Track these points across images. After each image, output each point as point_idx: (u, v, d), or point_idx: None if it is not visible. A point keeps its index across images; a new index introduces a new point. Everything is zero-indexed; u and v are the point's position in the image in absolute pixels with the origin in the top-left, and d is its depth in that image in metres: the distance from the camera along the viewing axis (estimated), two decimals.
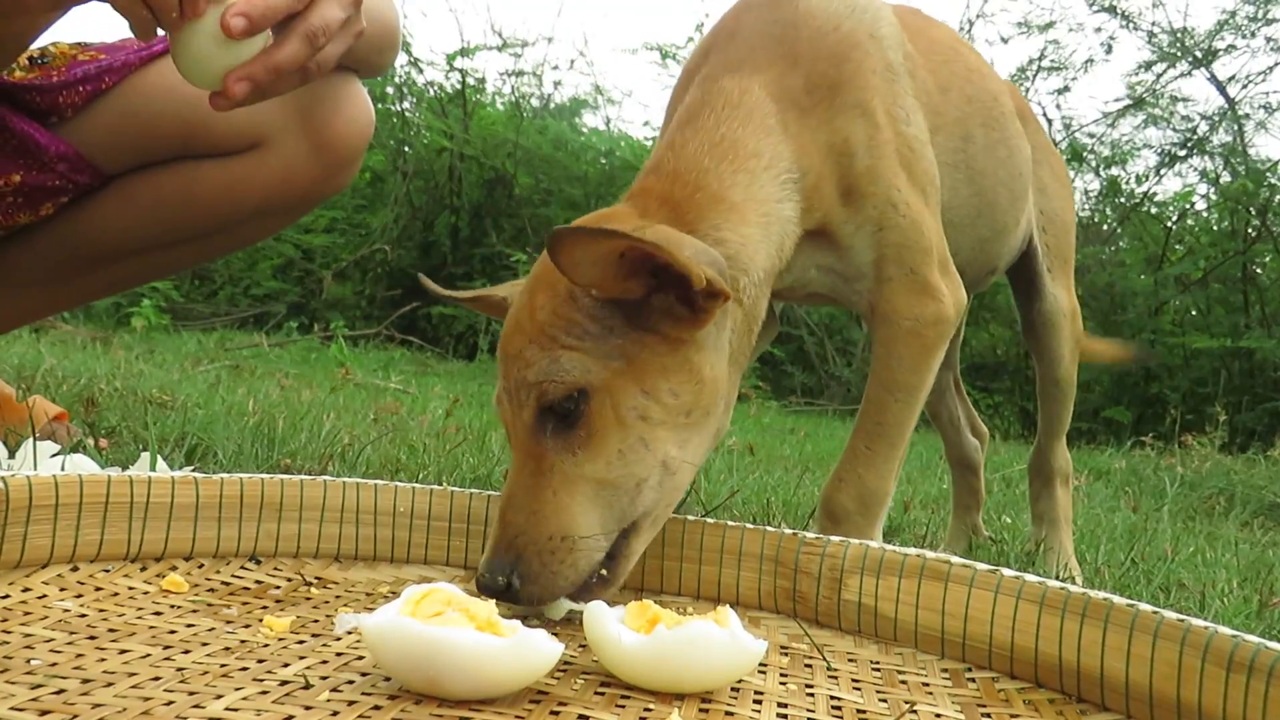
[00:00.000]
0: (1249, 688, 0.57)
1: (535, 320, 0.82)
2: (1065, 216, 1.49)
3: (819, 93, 1.00)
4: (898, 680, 0.69)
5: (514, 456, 0.82)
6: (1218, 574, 1.45)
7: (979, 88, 1.26)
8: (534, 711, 0.55)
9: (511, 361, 0.82)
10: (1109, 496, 2.69)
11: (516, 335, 0.83)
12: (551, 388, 0.79)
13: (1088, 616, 0.67)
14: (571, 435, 0.80)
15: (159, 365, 2.92)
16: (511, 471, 0.81)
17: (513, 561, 0.76)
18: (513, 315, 0.86)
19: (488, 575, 0.76)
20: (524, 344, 0.82)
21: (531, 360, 0.81)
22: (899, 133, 1.04)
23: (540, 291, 0.84)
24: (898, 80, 1.06)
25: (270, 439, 1.51)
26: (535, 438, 0.80)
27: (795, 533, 0.85)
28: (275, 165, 1.21)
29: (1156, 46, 6.33)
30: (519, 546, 0.77)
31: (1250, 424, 5.07)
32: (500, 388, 0.84)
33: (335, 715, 0.52)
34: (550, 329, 0.81)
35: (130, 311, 4.81)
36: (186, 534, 0.81)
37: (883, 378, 1.05)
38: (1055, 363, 1.47)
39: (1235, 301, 5.89)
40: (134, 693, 0.52)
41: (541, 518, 0.78)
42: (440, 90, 6.82)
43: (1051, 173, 1.48)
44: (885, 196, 1.02)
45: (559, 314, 0.81)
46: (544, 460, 0.80)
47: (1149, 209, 6.65)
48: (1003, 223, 1.31)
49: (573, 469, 0.79)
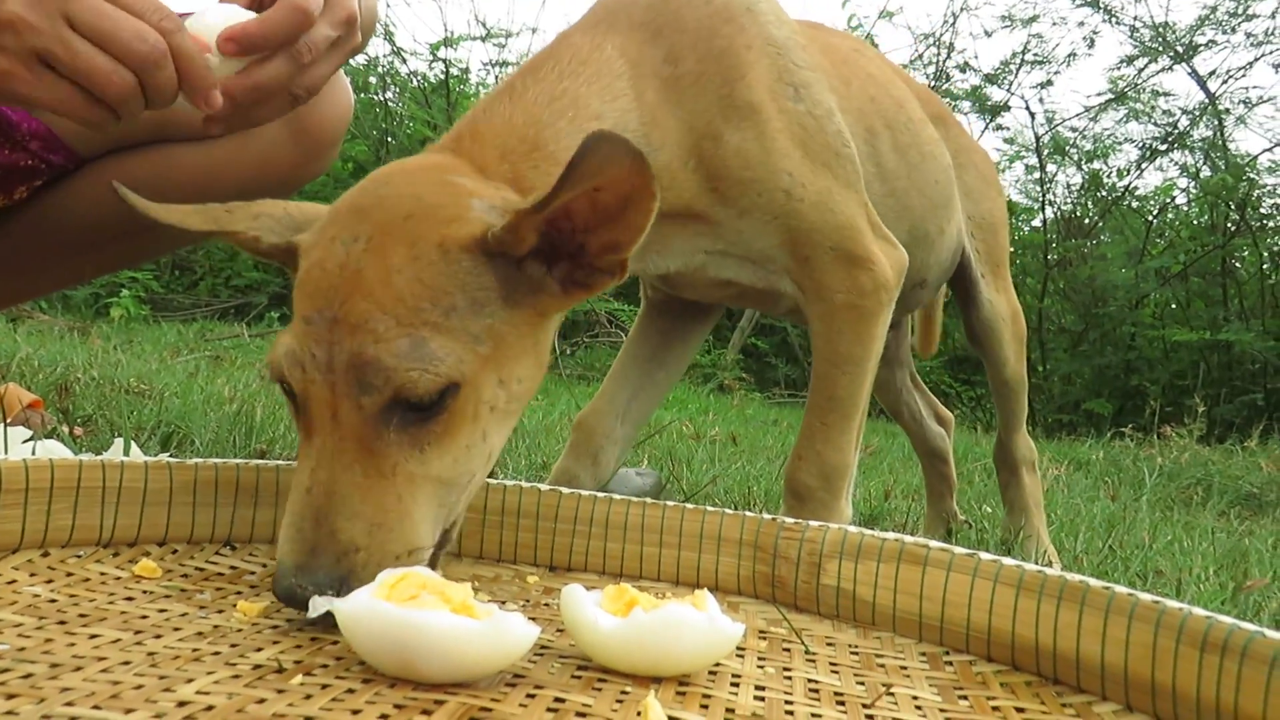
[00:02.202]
0: (1222, 668, 0.58)
1: (391, 285, 0.68)
2: (994, 218, 1.48)
3: (684, 65, 0.95)
4: (875, 664, 0.70)
5: (328, 442, 0.67)
6: (1194, 561, 1.47)
7: (881, 90, 1.23)
8: (509, 695, 0.55)
9: (345, 330, 0.67)
10: (1089, 486, 2.71)
11: (358, 298, 0.68)
12: (420, 380, 0.66)
13: (1064, 599, 0.67)
14: (423, 431, 0.68)
15: (137, 355, 2.89)
16: (327, 462, 0.67)
17: (343, 576, 0.64)
18: (341, 268, 0.69)
19: (310, 587, 0.63)
20: (372, 312, 0.67)
21: (384, 336, 0.66)
22: (784, 110, 0.99)
23: (396, 246, 0.69)
24: (783, 53, 1.01)
25: (248, 427, 1.50)
26: (375, 429, 0.67)
27: (774, 518, 0.85)
28: (253, 150, 1.20)
29: (1138, 41, 6.37)
30: (354, 564, 0.65)
31: (1228, 416, 5.12)
32: (304, 350, 0.68)
33: (309, 698, 0.51)
34: (413, 299, 0.68)
35: (109, 302, 4.77)
36: (160, 519, 0.80)
37: (826, 353, 1.03)
38: (1001, 365, 1.47)
39: (1214, 295, 5.95)
40: (103, 677, 0.52)
41: (387, 532, 0.66)
42: (424, 80, 6.79)
43: (977, 174, 1.46)
44: (773, 183, 0.97)
45: (425, 281, 0.68)
46: (383, 457, 0.67)
47: (1130, 203, 6.70)
48: (923, 230, 1.27)
49: (418, 468, 0.68)
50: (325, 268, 0.70)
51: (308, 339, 0.68)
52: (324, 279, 0.70)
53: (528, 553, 0.91)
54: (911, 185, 1.24)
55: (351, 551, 0.65)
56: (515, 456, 1.72)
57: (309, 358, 0.68)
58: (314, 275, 0.71)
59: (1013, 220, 6.50)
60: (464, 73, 6.98)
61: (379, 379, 0.66)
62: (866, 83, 1.20)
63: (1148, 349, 5.90)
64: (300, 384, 0.69)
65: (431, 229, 0.71)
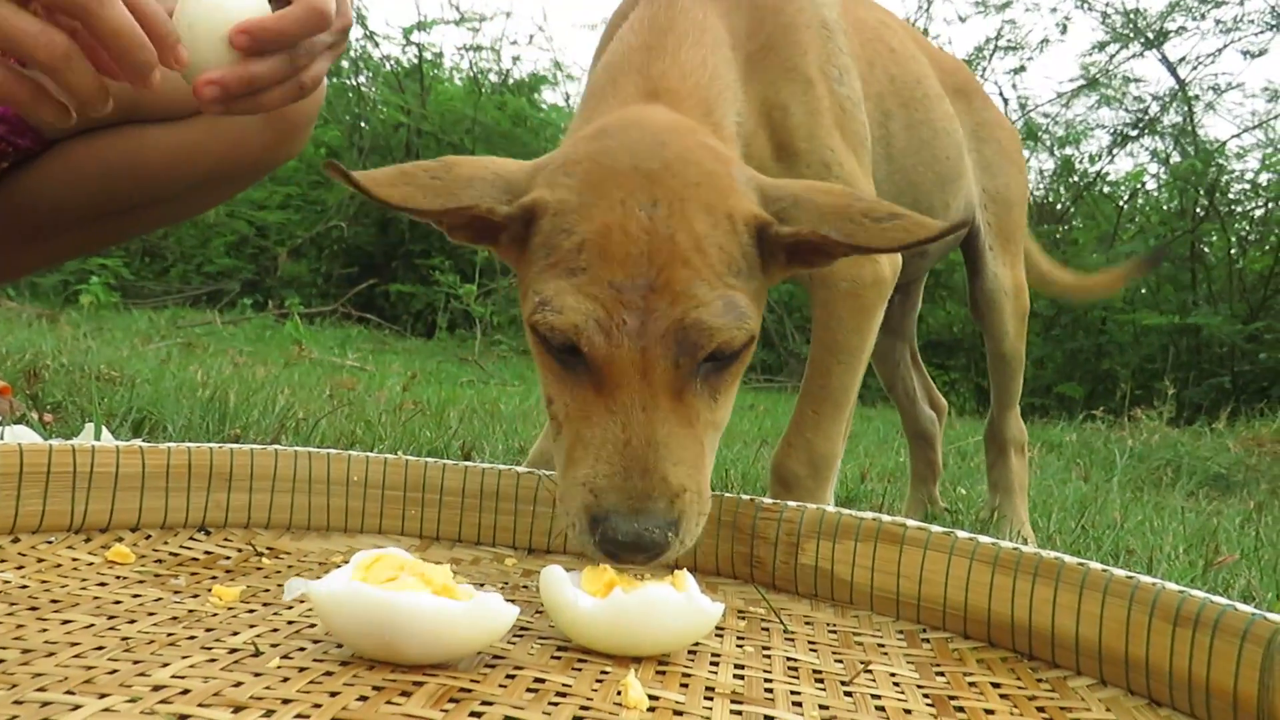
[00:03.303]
0: (1194, 641, 0.59)
1: (703, 251, 0.71)
2: (1010, 194, 1.49)
3: (758, 39, 0.98)
4: (853, 641, 0.70)
5: (637, 398, 0.69)
6: (1165, 540, 1.49)
7: (902, 68, 1.26)
8: (489, 675, 0.55)
9: (663, 296, 0.69)
10: (1061, 468, 2.74)
11: (677, 265, 0.70)
12: (738, 335, 0.71)
13: (1039, 576, 0.68)
14: (719, 381, 0.73)
15: (108, 342, 2.86)
16: (643, 416, 0.69)
17: (676, 519, 0.67)
18: (654, 235, 0.71)
19: (655, 531, 0.66)
20: (691, 279, 0.70)
21: (704, 300, 0.70)
22: (832, 91, 1.02)
23: (698, 214, 0.72)
24: (832, 38, 1.05)
25: (222, 413, 1.49)
26: (687, 383, 0.70)
27: (752, 498, 0.85)
28: (225, 132, 1.18)
29: (1110, 27, 6.41)
30: (685, 505, 0.68)
31: (1197, 399, 5.19)
32: (615, 318, 0.69)
33: (286, 682, 0.51)
34: (720, 265, 0.71)
35: (78, 289, 4.70)
36: (133, 505, 0.79)
37: (824, 340, 1.05)
38: (1000, 338, 1.49)
39: (1183, 279, 6.01)
40: (76, 662, 0.51)
41: (702, 473, 0.70)
42: (397, 65, 6.73)
43: (999, 149, 1.48)
44: (820, 157, 1.00)
45: (724, 247, 0.72)
46: (691, 408, 0.71)
47: (1101, 188, 6.75)
48: (928, 204, 1.30)
49: (710, 415, 0.73)
50: (628, 232, 0.71)
51: (618, 306, 0.69)
52: (630, 244, 0.70)
53: (506, 535, 0.91)
54: (920, 161, 1.27)
55: (681, 494, 0.68)
56: (493, 441, 1.71)
57: (619, 324, 0.69)
58: (615, 239, 0.71)
59: None
60: (437, 57, 6.93)
61: (704, 338, 0.69)
62: (889, 61, 1.22)
63: (1118, 333, 5.97)
64: (604, 349, 0.69)
65: (720, 199, 0.74)
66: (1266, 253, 5.92)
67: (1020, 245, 1.52)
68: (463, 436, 1.71)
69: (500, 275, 5.63)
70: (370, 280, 5.85)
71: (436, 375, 3.57)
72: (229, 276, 5.79)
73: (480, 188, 0.77)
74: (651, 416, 0.69)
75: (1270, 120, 6.04)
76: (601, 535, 0.66)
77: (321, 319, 5.27)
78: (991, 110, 1.52)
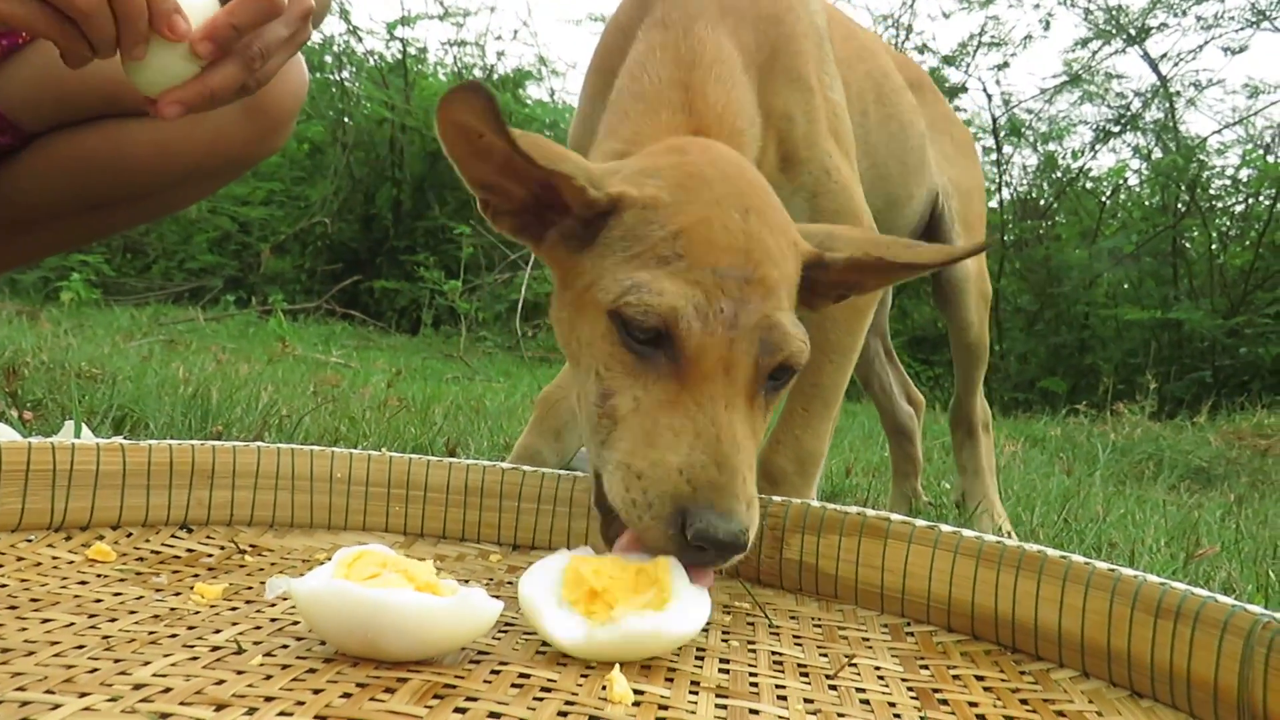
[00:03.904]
0: (1175, 633, 0.59)
1: (783, 264, 0.74)
2: (968, 183, 1.52)
3: (764, 51, 0.99)
4: (838, 635, 0.70)
5: (720, 393, 0.69)
6: (1146, 533, 1.50)
7: (874, 64, 1.28)
8: (474, 671, 0.55)
9: (760, 292, 0.71)
10: (1044, 462, 2.76)
11: (769, 265, 0.73)
12: (803, 350, 0.73)
13: (1023, 569, 0.68)
14: (774, 396, 0.74)
15: (89, 339, 2.83)
16: (729, 412, 0.68)
17: (748, 526, 0.66)
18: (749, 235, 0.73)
19: (743, 534, 0.65)
20: (779, 281, 0.73)
21: (784, 305, 0.73)
22: (827, 98, 1.04)
23: (775, 233, 0.75)
24: (823, 43, 1.07)
25: (204, 411, 1.48)
26: (759, 387, 0.72)
27: None
28: (207, 126, 1.17)
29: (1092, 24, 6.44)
30: (751, 518, 0.67)
31: (1178, 393, 5.23)
32: (714, 303, 0.69)
33: (268, 679, 0.50)
34: (787, 282, 0.75)
35: (59, 285, 4.66)
36: (113, 502, 0.79)
37: (817, 340, 1.05)
38: (965, 327, 1.51)
39: (1165, 274, 6.06)
40: (56, 661, 0.51)
41: (754, 485, 0.69)
42: (380, 60, 6.69)
43: (953, 142, 1.51)
44: (820, 163, 1.02)
45: (790, 271, 0.76)
46: (757, 416, 0.72)
47: (1084, 184, 6.79)
48: (895, 195, 1.33)
49: (759, 428, 0.73)
50: (728, 227, 0.72)
51: (718, 292, 0.70)
52: (729, 239, 0.72)
53: (490, 532, 0.90)
54: (890, 155, 1.29)
55: (752, 503, 0.67)
56: (478, 438, 1.71)
57: (716, 311, 0.69)
58: (716, 229, 0.72)
59: None
60: (421, 52, 6.88)
61: (782, 342, 0.71)
62: (864, 58, 1.25)
63: (1101, 328, 6.01)
64: (699, 335, 0.69)
65: (787, 228, 0.78)
66: (1247, 248, 5.97)
67: (982, 233, 1.54)
68: (447, 433, 1.71)
69: (485, 272, 5.61)
70: (354, 277, 5.82)
71: (421, 372, 3.55)
72: (212, 273, 5.75)
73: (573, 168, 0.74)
74: (734, 417, 0.69)
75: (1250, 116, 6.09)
76: (696, 531, 0.64)
77: (305, 315, 5.24)
78: (943, 104, 1.54)
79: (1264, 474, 3.07)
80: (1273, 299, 5.47)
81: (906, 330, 6.17)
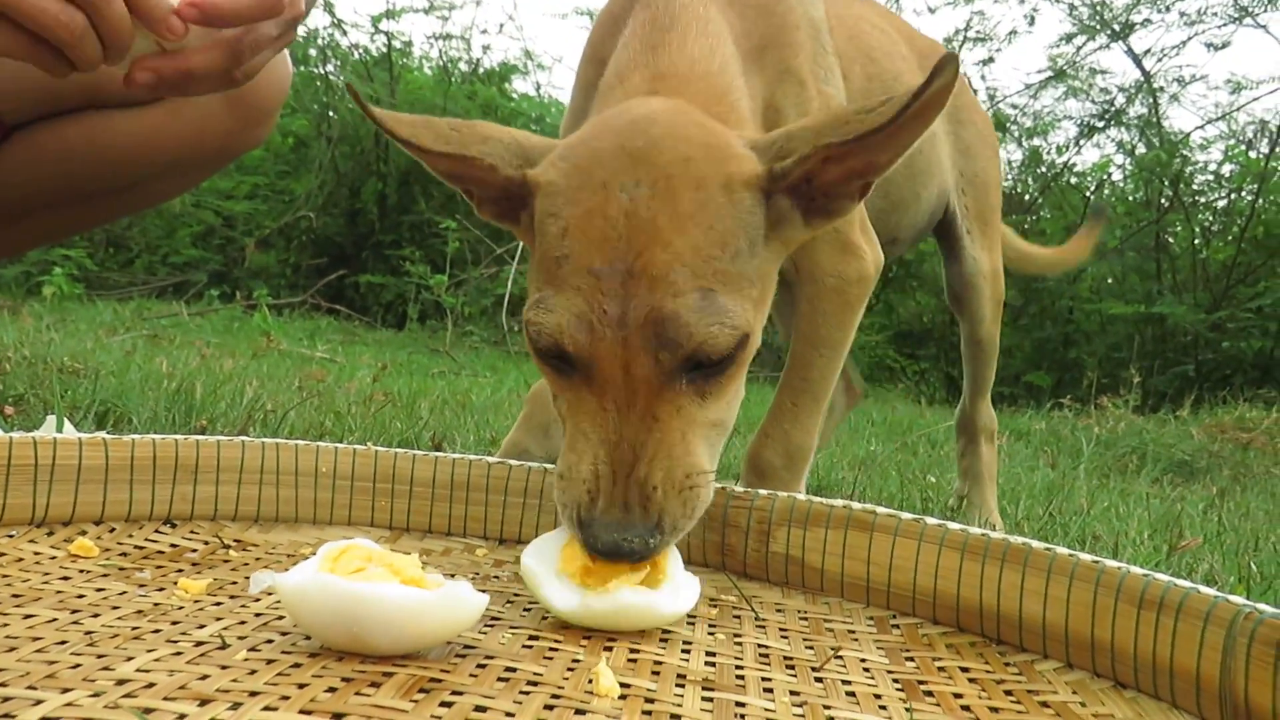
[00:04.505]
0: (1159, 623, 0.59)
1: (686, 233, 0.66)
2: (986, 178, 1.50)
3: (753, 39, 0.99)
4: (824, 628, 0.70)
5: (623, 393, 0.67)
6: (1130, 525, 1.51)
7: (879, 66, 1.26)
8: (460, 665, 0.54)
9: (642, 282, 0.66)
10: (1029, 456, 2.77)
11: (656, 249, 0.66)
12: (720, 336, 0.66)
13: (1007, 561, 0.69)
14: (710, 383, 0.69)
15: (71, 334, 2.81)
16: (628, 413, 0.67)
17: (654, 524, 0.66)
18: (628, 216, 0.67)
19: (634, 540, 0.65)
20: (671, 264, 0.66)
21: (681, 289, 0.66)
22: (820, 91, 1.04)
23: (684, 191, 0.67)
24: (819, 36, 1.06)
25: (188, 405, 1.47)
26: (669, 383, 0.67)
27: (724, 486, 0.85)
28: (188, 117, 1.16)
29: (1077, 19, 6.46)
30: (659, 504, 0.66)
31: (1161, 387, 5.27)
32: (595, 307, 0.66)
33: (253, 674, 0.50)
34: (707, 247, 0.67)
35: (41, 280, 4.62)
36: (96, 497, 0.78)
37: (808, 334, 1.06)
38: (977, 323, 1.50)
39: (1149, 269, 6.09)
40: (38, 657, 0.50)
41: (674, 462, 0.67)
42: (365, 53, 6.65)
43: (976, 133, 1.50)
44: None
45: (715, 227, 0.67)
46: (671, 404, 0.68)
47: (1069, 179, 6.82)
48: (899, 197, 1.31)
49: (697, 413, 0.69)
50: (608, 215, 0.67)
51: (597, 294, 0.66)
52: (609, 228, 0.67)
53: (477, 526, 0.90)
54: None
55: (660, 495, 0.66)
56: (464, 432, 1.70)
57: (599, 314, 0.66)
58: (595, 224, 0.68)
59: None
60: (407, 45, 6.84)
61: (681, 335, 0.66)
62: (866, 61, 1.23)
63: (1085, 322, 6.04)
64: (588, 346, 0.67)
65: (715, 169, 0.70)
66: (1229, 243, 6.01)
67: (997, 229, 1.53)
68: (433, 427, 1.70)
69: (471, 266, 5.60)
70: (339, 271, 5.79)
71: (407, 366, 3.54)
72: (195, 267, 5.71)
73: (494, 148, 0.75)
74: (632, 417, 0.67)
75: (1233, 112, 6.12)
76: (583, 539, 0.66)
77: (290, 310, 5.22)
78: (967, 94, 1.53)
79: (1245, 467, 3.10)
80: (1254, 294, 5.51)
81: (892, 325, 6.19)
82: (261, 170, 6.11)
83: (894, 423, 3.31)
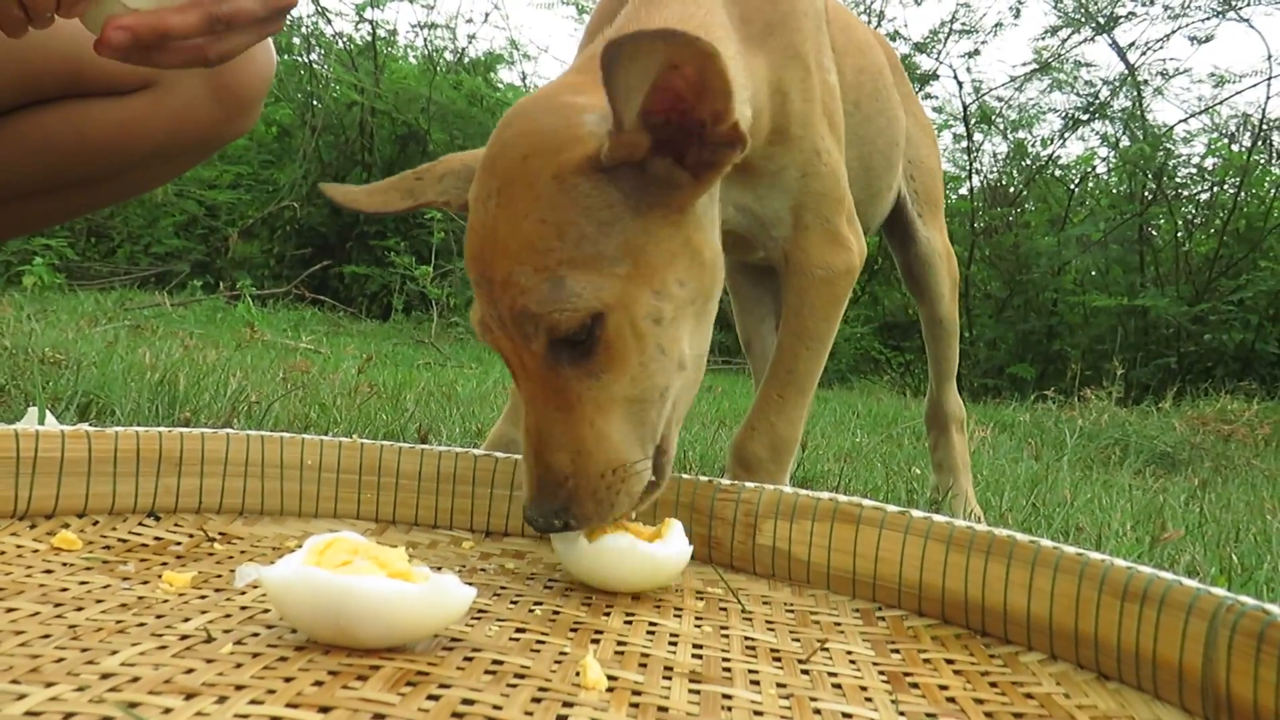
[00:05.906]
0: (1142, 615, 0.60)
1: (521, 234, 0.70)
2: (930, 163, 1.52)
3: (755, 24, 0.98)
4: (810, 620, 0.71)
5: (524, 388, 0.74)
6: (1113, 517, 1.52)
7: (867, 59, 1.28)
8: (447, 658, 0.54)
9: (499, 288, 0.72)
10: (1013, 448, 2.79)
11: (499, 257, 0.71)
12: (563, 319, 0.70)
13: (992, 553, 0.69)
14: (590, 361, 0.72)
15: (52, 325, 2.78)
16: (530, 405, 0.73)
17: (565, 503, 0.71)
18: (484, 228, 0.73)
19: (543, 520, 0.71)
20: (511, 268, 0.70)
21: (527, 286, 0.70)
22: (823, 81, 1.04)
23: (518, 195, 0.71)
24: (821, 27, 1.06)
25: (171, 397, 1.46)
26: (551, 369, 0.72)
27: (711, 480, 0.85)
28: (172, 106, 1.15)
29: (1062, 12, 6.48)
30: (570, 489, 0.71)
31: (1144, 379, 5.31)
32: (485, 313, 0.74)
33: (239, 668, 0.50)
34: (542, 242, 0.70)
35: (21, 270, 4.57)
36: (79, 490, 0.77)
37: (795, 327, 1.06)
38: (936, 301, 1.51)
39: (1132, 262, 6.13)
40: (21, 651, 0.50)
41: (587, 455, 0.72)
42: (350, 42, 6.60)
43: (916, 122, 1.51)
44: (811, 144, 1.01)
45: (549, 220, 0.70)
46: (567, 391, 0.72)
47: (1053, 171, 6.85)
48: (876, 188, 1.34)
49: (600, 393, 0.72)
50: (474, 230, 0.75)
51: (483, 301, 0.74)
52: (474, 242, 0.74)
53: (463, 518, 0.90)
54: (875, 149, 1.30)
55: (564, 481, 0.71)
56: (450, 424, 1.70)
57: (491, 318, 0.74)
58: (469, 239, 0.75)
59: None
60: (391, 34, 6.80)
61: (529, 325, 0.71)
62: (856, 54, 1.24)
63: (1069, 314, 6.08)
64: (494, 344, 0.75)
65: (545, 163, 0.72)
66: (1211, 235, 6.06)
67: (943, 212, 1.54)
68: (419, 419, 1.70)
69: (456, 257, 5.58)
70: (324, 261, 5.76)
71: (392, 357, 3.53)
72: (178, 257, 5.67)
73: (449, 183, 0.83)
74: (536, 408, 0.73)
75: (1216, 105, 6.16)
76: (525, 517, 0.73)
77: (274, 301, 5.19)
78: (906, 84, 1.54)
79: (1227, 459, 3.13)
80: (1236, 286, 5.56)
81: (877, 316, 6.21)
82: (245, 159, 6.07)
83: (879, 414, 3.32)
